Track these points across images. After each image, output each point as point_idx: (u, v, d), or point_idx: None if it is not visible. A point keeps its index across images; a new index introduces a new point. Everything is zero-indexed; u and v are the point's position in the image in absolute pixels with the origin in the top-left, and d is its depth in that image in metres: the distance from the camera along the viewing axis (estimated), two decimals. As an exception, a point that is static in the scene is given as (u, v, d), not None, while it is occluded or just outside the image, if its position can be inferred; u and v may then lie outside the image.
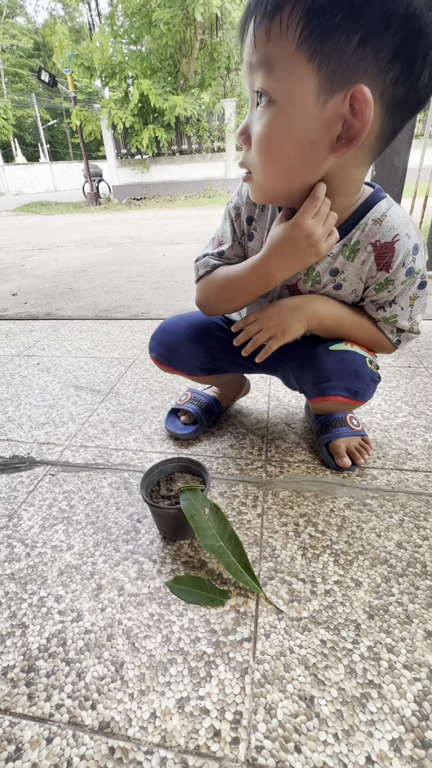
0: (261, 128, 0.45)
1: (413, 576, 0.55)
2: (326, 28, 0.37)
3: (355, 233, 0.56)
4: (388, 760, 0.38)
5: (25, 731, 0.42)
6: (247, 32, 0.43)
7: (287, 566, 0.57)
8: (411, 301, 0.60)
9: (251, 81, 0.45)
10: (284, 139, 0.45)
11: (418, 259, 0.56)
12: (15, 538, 0.65)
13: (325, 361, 0.63)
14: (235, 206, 0.64)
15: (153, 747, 0.40)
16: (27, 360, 1.30)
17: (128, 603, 0.54)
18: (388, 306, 0.61)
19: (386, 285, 0.58)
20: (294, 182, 0.49)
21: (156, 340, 0.76)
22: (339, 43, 0.38)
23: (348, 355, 0.63)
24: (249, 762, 0.38)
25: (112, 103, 7.81)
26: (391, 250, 0.54)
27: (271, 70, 0.42)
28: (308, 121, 0.42)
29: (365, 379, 0.63)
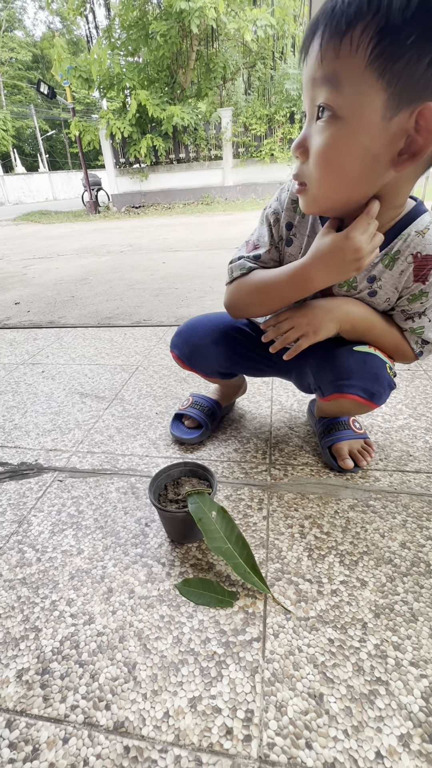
0: (323, 142, 0.46)
1: (417, 575, 0.56)
2: (398, 48, 0.38)
3: (397, 243, 0.57)
4: (397, 755, 0.39)
5: (42, 732, 0.43)
6: (312, 47, 0.44)
7: (294, 567, 0.58)
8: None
9: (313, 95, 0.45)
10: (348, 153, 0.45)
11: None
12: (26, 544, 0.66)
13: (347, 360, 0.64)
14: (275, 211, 0.64)
15: (167, 745, 0.41)
16: (32, 368, 1.32)
17: (139, 605, 0.55)
18: (418, 317, 0.62)
19: (420, 296, 0.59)
20: (352, 196, 0.50)
21: (181, 338, 0.77)
22: (410, 62, 0.39)
23: (370, 358, 0.64)
24: (261, 759, 0.39)
25: (110, 114, 7.92)
26: (431, 262, 0.56)
27: (338, 86, 0.42)
28: (373, 136, 0.43)
29: (383, 383, 0.65)
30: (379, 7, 0.38)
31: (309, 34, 0.44)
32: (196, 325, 0.77)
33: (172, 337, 0.79)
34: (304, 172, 0.50)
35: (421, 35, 0.38)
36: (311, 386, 0.75)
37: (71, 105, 8.31)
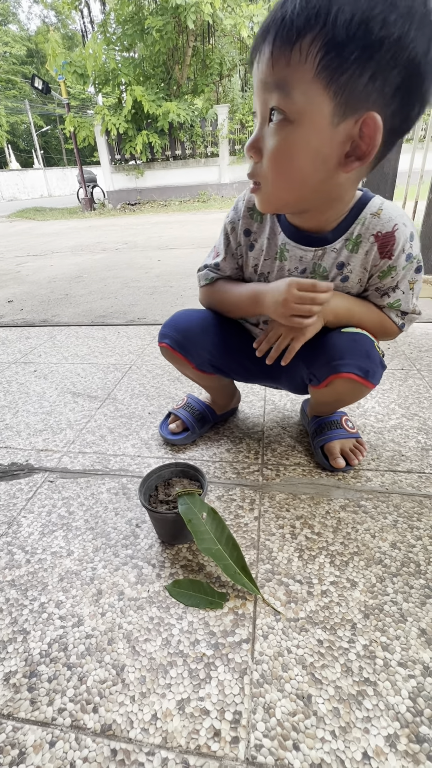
0: (276, 144, 0.49)
1: (407, 575, 0.56)
2: (343, 62, 0.42)
3: (356, 228, 0.61)
4: (384, 756, 0.39)
5: (28, 735, 0.42)
6: (263, 51, 0.46)
7: (284, 568, 0.58)
8: (410, 285, 0.65)
9: (264, 98, 0.48)
10: (298, 154, 0.49)
11: (414, 246, 0.62)
12: (15, 545, 0.65)
13: (338, 340, 0.66)
14: (231, 221, 0.70)
15: (154, 748, 0.41)
16: (24, 367, 1.31)
17: (128, 607, 0.54)
18: (392, 291, 0.65)
19: (389, 272, 0.62)
20: (304, 194, 0.54)
21: (168, 327, 0.76)
22: (353, 76, 0.43)
23: (359, 337, 0.66)
24: (249, 760, 0.39)
25: (105, 110, 7.85)
26: (392, 238, 0.59)
27: (289, 93, 0.45)
28: (322, 139, 0.47)
29: (375, 360, 0.66)
30: (326, 22, 0.41)
31: (260, 38, 0.46)
32: (182, 315, 0.77)
33: (159, 331, 0.78)
34: (257, 171, 0.53)
35: (362, 52, 0.41)
36: (304, 378, 0.75)
37: (66, 100, 8.23)
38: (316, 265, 0.65)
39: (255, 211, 0.67)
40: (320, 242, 0.63)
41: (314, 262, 0.65)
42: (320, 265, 0.65)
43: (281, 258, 0.67)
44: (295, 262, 0.66)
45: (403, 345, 1.31)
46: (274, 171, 0.51)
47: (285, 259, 0.66)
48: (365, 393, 0.71)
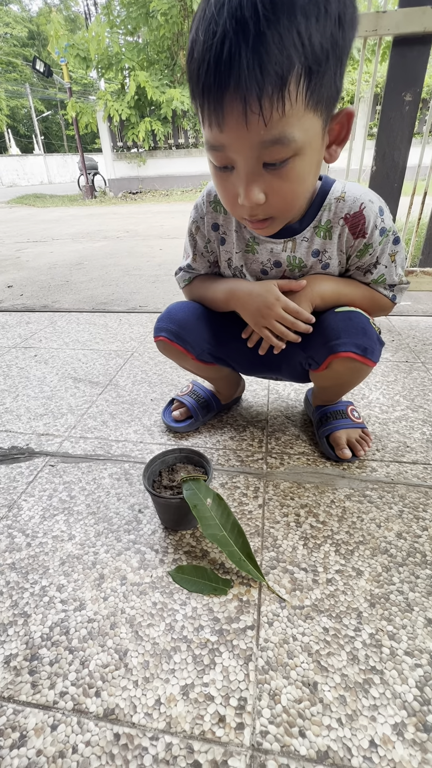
0: (287, 181, 0.48)
1: (413, 565, 0.56)
2: (321, 77, 0.41)
3: (323, 215, 0.61)
4: (391, 744, 0.39)
5: (30, 719, 0.42)
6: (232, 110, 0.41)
7: (289, 556, 0.58)
8: (392, 257, 0.65)
9: (258, 154, 0.44)
10: (307, 176, 0.50)
11: (386, 219, 0.61)
12: (15, 528, 0.64)
13: (333, 321, 0.65)
14: (194, 221, 0.70)
15: (158, 733, 0.40)
16: (24, 351, 1.29)
17: (131, 592, 0.53)
18: (374, 268, 0.65)
19: (366, 249, 0.62)
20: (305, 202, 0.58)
21: (164, 320, 0.74)
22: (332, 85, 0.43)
23: (354, 314, 0.65)
24: (254, 746, 0.39)
25: (108, 95, 7.71)
26: (362, 218, 0.59)
27: (290, 139, 0.43)
28: (318, 152, 0.48)
29: (373, 337, 0.65)
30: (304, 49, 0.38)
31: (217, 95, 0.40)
32: (176, 306, 0.76)
33: (155, 326, 0.75)
34: (267, 210, 0.51)
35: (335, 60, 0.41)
36: (303, 364, 0.73)
37: (68, 84, 8.07)
38: (290, 257, 0.64)
39: (217, 203, 0.66)
40: (288, 233, 0.62)
41: (287, 255, 0.64)
42: (295, 257, 0.64)
43: (252, 251, 0.66)
44: (266, 255, 0.65)
45: (408, 338, 1.29)
46: (290, 202, 0.51)
47: (256, 252, 0.66)
48: (366, 372, 0.69)
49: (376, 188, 1.33)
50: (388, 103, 1.20)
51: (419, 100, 1.20)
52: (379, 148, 1.26)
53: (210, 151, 0.47)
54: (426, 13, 1.05)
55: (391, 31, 1.08)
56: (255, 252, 0.66)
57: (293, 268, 0.65)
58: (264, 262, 0.66)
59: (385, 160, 1.27)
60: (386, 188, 1.31)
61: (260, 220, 0.53)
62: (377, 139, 1.25)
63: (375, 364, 0.66)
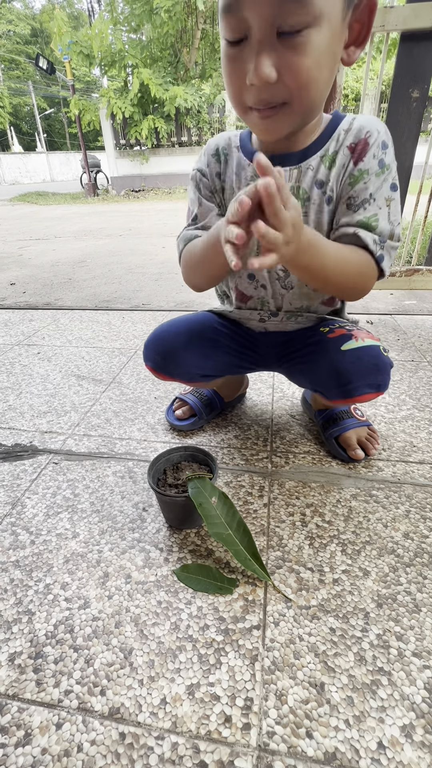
0: (306, 56, 0.44)
1: (421, 566, 0.55)
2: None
3: (331, 144, 0.58)
4: (400, 746, 0.38)
5: (34, 717, 0.41)
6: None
7: (295, 555, 0.57)
8: (387, 202, 0.58)
9: (277, 12, 0.41)
10: (324, 59, 0.45)
11: (388, 154, 0.57)
12: (19, 526, 0.64)
13: (342, 363, 0.63)
14: (198, 169, 0.66)
15: (164, 732, 0.40)
16: (27, 349, 1.29)
17: (135, 591, 0.53)
18: (367, 204, 0.57)
19: (360, 176, 0.57)
20: (322, 102, 0.52)
21: (150, 348, 0.74)
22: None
23: (363, 351, 0.63)
24: (261, 747, 0.38)
25: (111, 93, 7.69)
26: (365, 143, 0.56)
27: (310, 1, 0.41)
28: (338, 39, 0.46)
29: (385, 369, 0.64)
30: None
31: None
32: (163, 333, 0.74)
33: (143, 351, 0.75)
34: (278, 92, 0.46)
35: None
36: (310, 389, 0.74)
37: (71, 82, 8.05)
38: (294, 188, 0.59)
39: (218, 155, 0.64)
40: (293, 161, 0.58)
41: (292, 185, 0.59)
42: (299, 188, 0.59)
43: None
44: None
45: (413, 337, 1.29)
46: (305, 83, 0.46)
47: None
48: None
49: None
50: (394, 99, 1.19)
51: (426, 97, 1.18)
52: (385, 145, 1.25)
53: (224, 13, 0.44)
54: (434, 8, 1.04)
55: (399, 26, 1.07)
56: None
57: (299, 200, 0.60)
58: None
59: (391, 157, 1.25)
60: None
61: (270, 107, 0.48)
62: (383, 136, 1.24)
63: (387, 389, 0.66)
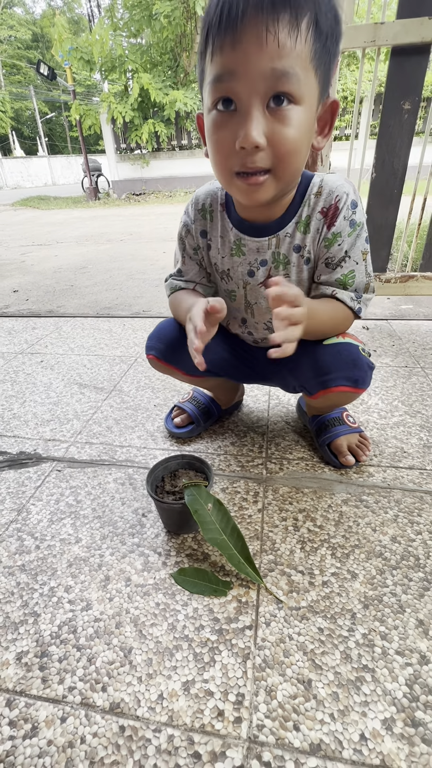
0: (291, 127, 0.48)
1: (406, 568, 0.58)
2: (324, 40, 0.46)
3: (303, 210, 0.62)
4: (381, 738, 0.41)
5: (40, 711, 0.44)
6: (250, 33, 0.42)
7: (287, 559, 0.60)
8: (363, 255, 0.63)
9: (267, 84, 0.45)
10: (304, 136, 0.50)
11: (358, 213, 0.61)
12: (24, 531, 0.67)
13: (322, 355, 0.66)
14: (184, 224, 0.71)
15: (161, 725, 0.43)
16: (30, 357, 1.32)
17: (135, 593, 0.56)
18: (344, 262, 0.62)
19: (334, 239, 0.62)
20: (299, 176, 0.59)
21: (153, 339, 0.77)
22: (327, 60, 0.48)
23: (343, 347, 0.66)
24: (251, 739, 0.41)
25: (111, 97, 7.75)
26: (335, 208, 0.61)
27: (297, 77, 0.45)
28: (312, 123, 0.51)
29: (363, 367, 0.66)
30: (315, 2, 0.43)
31: (236, 17, 0.42)
32: (165, 325, 0.77)
33: (146, 343, 0.78)
34: (264, 158, 0.49)
35: (335, 41, 0.47)
36: (296, 388, 0.77)
37: (72, 87, 8.12)
38: (275, 253, 0.65)
39: (204, 211, 0.68)
40: (272, 230, 0.63)
41: (273, 251, 0.65)
42: (279, 253, 0.65)
43: (239, 253, 0.67)
44: (254, 254, 0.66)
45: (408, 342, 1.31)
46: (290, 155, 0.49)
47: (243, 254, 0.66)
48: (357, 396, 0.71)
49: (377, 195, 1.34)
50: (387, 111, 1.22)
51: (418, 108, 1.21)
52: (378, 155, 1.27)
53: (215, 84, 0.47)
54: (424, 24, 1.06)
55: (389, 41, 1.10)
56: (241, 254, 0.66)
57: (278, 265, 0.66)
58: (251, 262, 0.66)
59: (384, 167, 1.28)
60: (386, 194, 1.33)
61: (255, 173, 0.50)
62: (377, 146, 1.27)
63: (365, 389, 0.69)
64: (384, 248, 1.43)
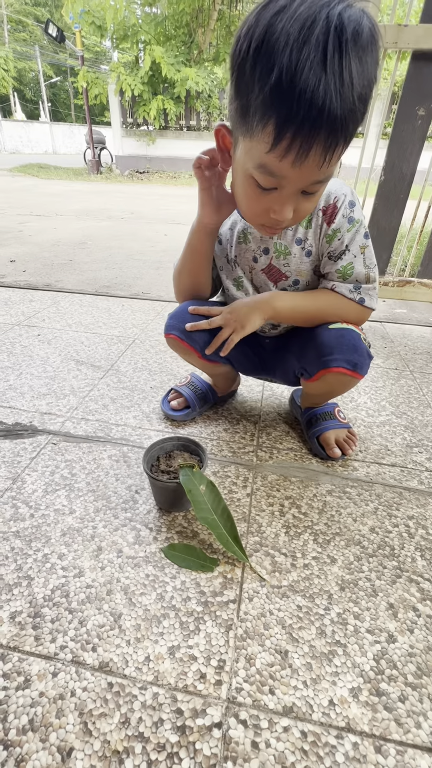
0: (314, 201, 0.54)
1: (382, 557, 0.62)
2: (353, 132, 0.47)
3: None
4: (347, 704, 0.45)
5: (33, 666, 0.47)
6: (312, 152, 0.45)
7: (271, 541, 0.63)
8: (362, 249, 0.68)
9: (306, 185, 0.50)
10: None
11: (356, 211, 0.67)
12: (19, 500, 0.69)
13: (326, 337, 0.70)
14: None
15: (147, 684, 0.46)
16: (27, 330, 1.31)
17: (126, 564, 0.59)
18: (344, 255, 0.68)
19: (334, 235, 0.67)
20: None
21: (175, 317, 0.79)
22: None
23: (346, 332, 0.70)
24: (230, 700, 0.45)
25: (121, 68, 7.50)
26: (334, 207, 0.66)
27: (330, 175, 0.51)
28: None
29: (362, 353, 0.70)
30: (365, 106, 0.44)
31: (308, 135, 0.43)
32: (184, 308, 0.80)
33: (166, 322, 0.80)
34: (288, 223, 0.56)
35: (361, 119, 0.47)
36: (296, 372, 0.80)
37: (80, 52, 7.81)
38: (276, 244, 0.70)
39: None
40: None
41: (275, 241, 0.69)
42: (281, 244, 0.70)
43: (245, 241, 0.72)
44: (257, 242, 0.71)
45: (400, 346, 1.35)
46: (306, 215, 0.57)
47: (249, 242, 0.72)
48: (354, 383, 0.75)
49: (384, 198, 1.36)
50: (401, 115, 1.23)
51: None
52: (389, 158, 1.29)
53: (264, 174, 0.49)
54: (446, 30, 1.07)
55: (411, 45, 1.11)
56: (248, 242, 0.72)
57: (279, 254, 0.70)
58: (255, 249, 0.72)
59: (393, 171, 1.30)
60: (392, 198, 1.35)
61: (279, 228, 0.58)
62: (388, 149, 1.28)
63: (363, 377, 0.72)
64: (386, 251, 1.46)
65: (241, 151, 0.51)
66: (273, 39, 0.40)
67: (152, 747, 0.41)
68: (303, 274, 0.72)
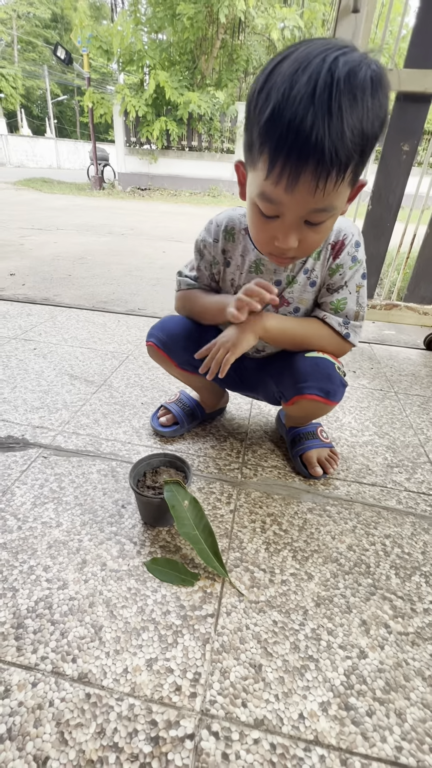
0: (321, 233, 0.56)
1: (358, 574, 0.64)
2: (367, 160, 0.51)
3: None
4: (317, 717, 0.47)
5: (14, 676, 0.48)
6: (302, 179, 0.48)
7: (251, 557, 0.66)
8: (357, 288, 0.73)
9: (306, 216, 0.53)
10: (331, 228, 0.59)
11: (360, 252, 0.71)
12: (8, 512, 0.71)
13: (302, 365, 0.74)
14: (202, 240, 0.77)
15: (123, 695, 0.47)
16: (24, 344, 1.34)
17: (109, 577, 0.61)
18: (341, 290, 0.72)
19: (337, 269, 0.71)
20: None
21: (156, 328, 0.84)
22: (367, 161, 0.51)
23: (320, 361, 0.73)
24: (203, 712, 0.46)
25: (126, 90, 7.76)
26: (342, 243, 0.70)
27: (334, 208, 0.53)
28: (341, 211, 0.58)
29: (336, 382, 0.73)
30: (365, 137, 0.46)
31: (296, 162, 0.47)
32: (169, 319, 0.84)
33: (148, 331, 0.85)
34: (295, 253, 0.59)
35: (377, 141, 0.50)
36: (275, 395, 0.84)
37: (87, 74, 8.09)
38: (288, 276, 0.73)
39: (227, 233, 0.74)
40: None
41: (287, 274, 0.72)
42: (292, 276, 0.73)
43: (257, 271, 0.74)
44: (270, 275, 0.73)
45: (386, 367, 1.39)
46: (315, 247, 0.59)
47: (261, 273, 0.74)
48: (329, 410, 0.79)
49: (371, 226, 1.43)
50: (387, 150, 1.30)
51: (415, 150, 1.30)
52: (376, 190, 1.36)
53: (263, 201, 0.53)
54: (427, 75, 1.15)
55: (394, 87, 1.18)
56: (261, 272, 0.74)
57: (288, 284, 0.74)
58: (267, 281, 0.73)
59: (380, 201, 1.36)
60: (379, 227, 1.41)
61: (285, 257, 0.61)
62: (375, 181, 1.35)
63: (337, 403, 0.76)
64: (373, 276, 1.51)
65: (249, 183, 0.56)
66: (272, 79, 0.46)
67: (126, 757, 0.42)
68: (304, 302, 0.75)
